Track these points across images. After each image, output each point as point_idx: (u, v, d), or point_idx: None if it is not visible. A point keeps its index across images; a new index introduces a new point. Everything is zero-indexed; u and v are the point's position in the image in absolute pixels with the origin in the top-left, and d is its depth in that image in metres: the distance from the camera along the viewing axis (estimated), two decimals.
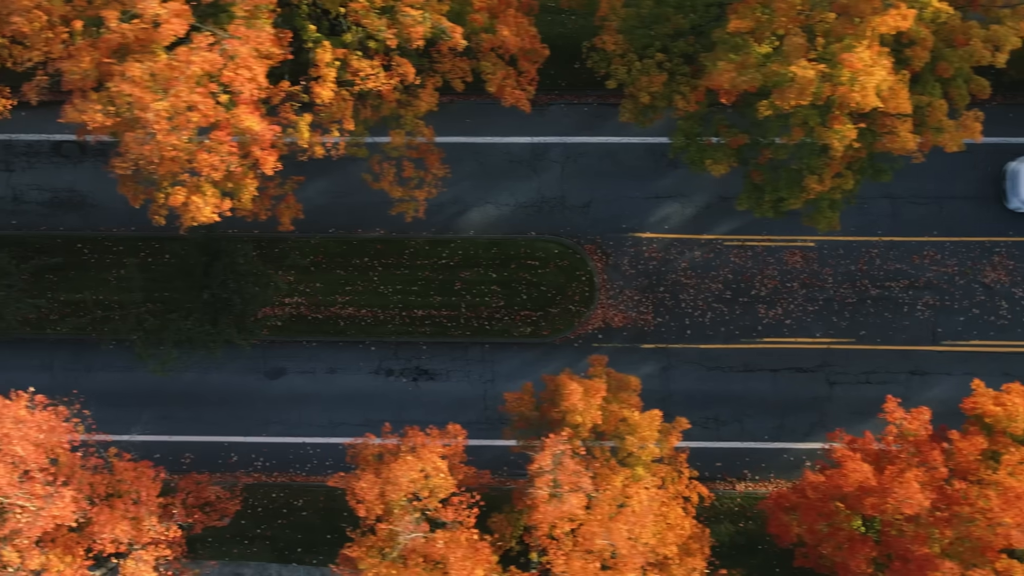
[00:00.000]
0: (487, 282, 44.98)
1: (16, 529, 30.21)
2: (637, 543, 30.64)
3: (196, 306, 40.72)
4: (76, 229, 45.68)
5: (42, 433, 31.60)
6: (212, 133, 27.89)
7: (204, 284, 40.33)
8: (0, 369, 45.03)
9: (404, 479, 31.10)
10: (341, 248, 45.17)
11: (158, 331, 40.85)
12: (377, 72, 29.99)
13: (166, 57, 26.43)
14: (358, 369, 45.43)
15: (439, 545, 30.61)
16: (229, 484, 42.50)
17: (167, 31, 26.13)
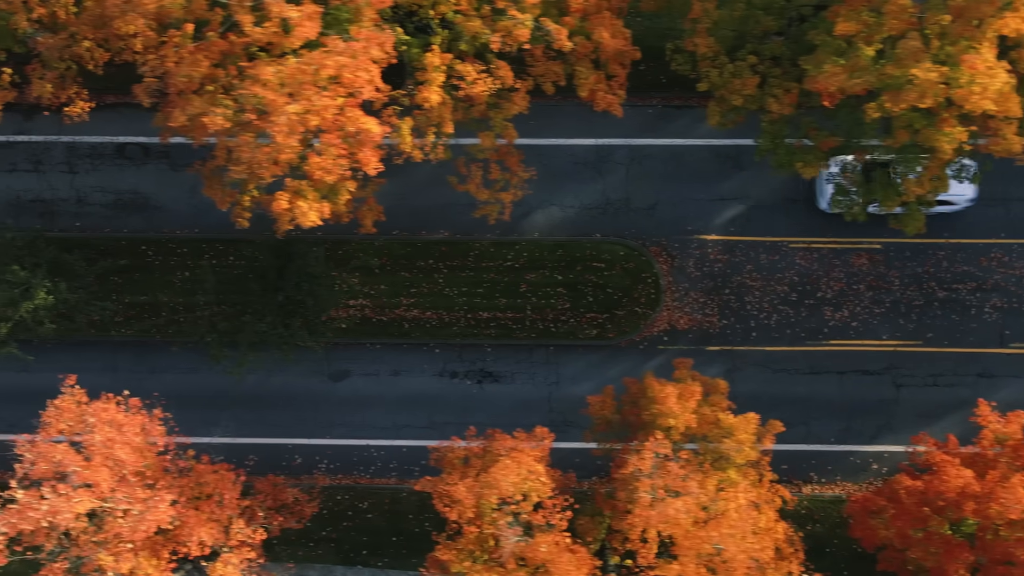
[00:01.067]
0: (553, 284, 44.94)
1: (118, 533, 30.17)
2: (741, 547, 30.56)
3: (270, 308, 40.66)
4: (140, 231, 45.67)
5: (138, 436, 31.54)
6: (323, 136, 27.86)
7: (278, 286, 40.29)
8: (65, 370, 44.91)
9: (505, 483, 31.05)
10: (405, 250, 45.15)
11: (232, 333, 40.80)
12: (484, 77, 29.94)
13: (295, 60, 26.39)
14: (422, 371, 45.39)
15: (542, 550, 30.53)
16: (306, 486, 42.46)
17: (301, 34, 26.09)
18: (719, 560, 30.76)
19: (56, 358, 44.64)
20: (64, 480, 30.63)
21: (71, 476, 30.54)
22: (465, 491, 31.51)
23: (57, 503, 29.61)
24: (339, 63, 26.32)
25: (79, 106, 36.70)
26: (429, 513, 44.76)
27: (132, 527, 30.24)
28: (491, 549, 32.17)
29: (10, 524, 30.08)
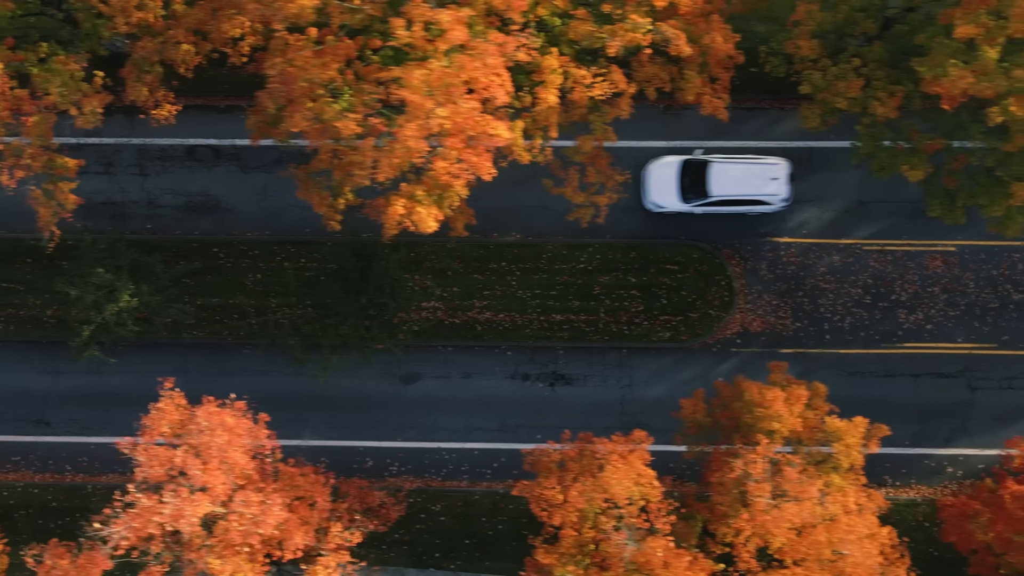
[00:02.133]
0: (626, 286, 44.89)
1: (228, 537, 30.10)
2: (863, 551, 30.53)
3: (352, 311, 40.60)
4: (210, 233, 45.63)
5: (247, 439, 31.51)
6: (446, 140, 27.81)
7: (360, 289, 40.23)
8: (136, 373, 45.02)
9: (619, 487, 31.00)
10: (478, 252, 45.09)
11: (315, 336, 40.75)
12: (600, 80, 29.87)
13: (440, 64, 26.31)
14: (493, 374, 45.34)
15: (659, 554, 30.46)
16: (393, 489, 42.42)
17: (451, 39, 26.00)
18: (842, 566, 30.69)
19: (127, 360, 44.64)
20: (177, 484, 30.56)
21: (189, 479, 30.46)
22: (577, 495, 31.44)
23: (182, 506, 29.56)
24: (479, 67, 26.20)
25: (166, 109, 36.65)
26: (502, 516, 44.86)
27: (246, 531, 30.18)
28: (592, 553, 32.13)
29: (132, 528, 30.06)
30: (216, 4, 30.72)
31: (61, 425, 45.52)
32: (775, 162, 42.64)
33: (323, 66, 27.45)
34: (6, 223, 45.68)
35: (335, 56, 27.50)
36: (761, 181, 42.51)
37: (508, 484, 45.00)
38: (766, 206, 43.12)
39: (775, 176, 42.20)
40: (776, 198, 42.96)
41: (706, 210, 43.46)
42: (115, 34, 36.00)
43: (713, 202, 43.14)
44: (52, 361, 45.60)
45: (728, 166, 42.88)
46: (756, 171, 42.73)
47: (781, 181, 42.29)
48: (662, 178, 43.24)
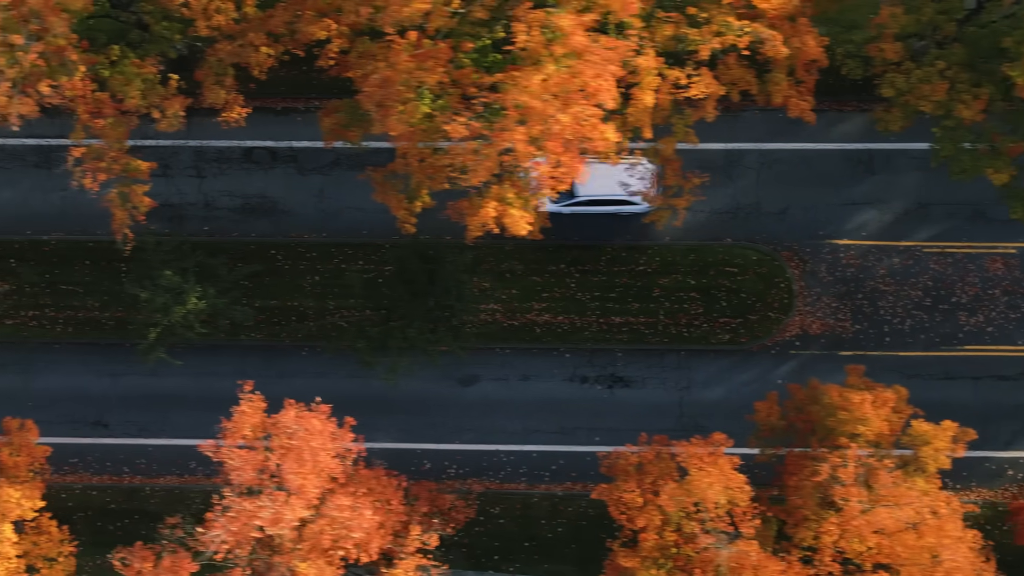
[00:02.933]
0: (685, 289, 44.84)
1: (318, 541, 30.05)
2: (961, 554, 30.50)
3: (418, 313, 40.57)
4: (267, 235, 45.62)
5: (334, 443, 31.48)
6: (548, 144, 27.75)
7: (427, 291, 40.19)
8: (193, 375, 45.03)
9: (711, 491, 30.96)
10: (537, 255, 45.05)
11: (381, 339, 40.73)
12: (697, 81, 29.83)
13: (556, 69, 26.25)
14: (552, 376, 45.30)
15: (752, 556, 30.39)
16: (462, 492, 42.39)
17: (571, 44, 25.93)
18: (940, 570, 30.63)
19: (185, 362, 44.59)
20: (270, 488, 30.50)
21: (283, 483, 30.40)
22: (667, 499, 31.41)
23: (281, 510, 29.49)
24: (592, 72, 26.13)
25: (236, 111, 36.64)
26: (561, 519, 44.83)
27: (337, 535, 30.13)
28: (675, 556, 32.08)
29: (231, 532, 30.00)
30: (300, 7, 30.68)
31: (119, 427, 45.55)
32: (641, 164, 42.09)
33: (428, 70, 27.39)
34: (64, 226, 45.73)
35: (437, 60, 27.46)
36: (628, 182, 42.59)
37: (566, 487, 45.07)
38: (634, 207, 43.26)
39: (641, 177, 42.03)
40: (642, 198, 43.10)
41: (574, 210, 43.63)
42: (186, 37, 35.98)
43: (581, 202, 43.32)
44: (110, 363, 45.65)
45: (596, 167, 42.84)
46: (623, 173, 42.51)
47: (645, 183, 42.08)
48: None
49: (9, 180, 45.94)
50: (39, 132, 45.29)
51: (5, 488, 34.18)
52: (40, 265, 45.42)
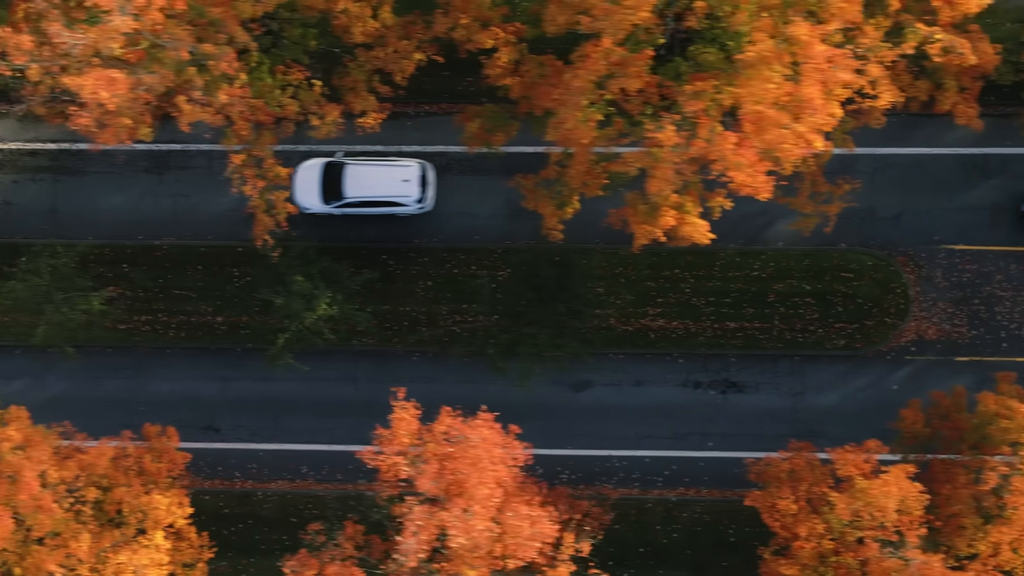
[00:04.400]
0: (800, 294, 44.74)
1: (494, 550, 30.01)
2: None
3: (548, 319, 40.53)
4: (379, 240, 45.60)
5: (505, 451, 31.44)
6: (743, 153, 27.67)
7: (558, 297, 40.16)
8: (304, 380, 45.05)
9: (888, 500, 30.84)
10: (650, 260, 44.95)
11: (511, 345, 40.69)
12: (883, 90, 29.68)
13: (783, 78, 26.18)
14: (665, 381, 45.23)
15: (935, 568, 30.22)
16: (599, 498, 42.36)
17: (808, 53, 25.83)
18: None
19: (296, 367, 44.57)
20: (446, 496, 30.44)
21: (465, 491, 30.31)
22: (843, 507, 31.31)
23: (473, 521, 29.44)
24: (817, 81, 26.10)
25: (372, 117, 36.65)
26: (676, 524, 44.77)
27: (517, 544, 30.07)
28: (835, 564, 31.99)
29: (421, 541, 29.91)
30: (462, 14, 30.62)
31: (230, 431, 45.58)
32: (407, 164, 43.23)
33: (628, 77, 27.31)
34: (175, 231, 45.79)
35: (637, 67, 27.39)
36: (393, 183, 42.98)
37: (679, 492, 45.00)
38: (403, 207, 43.49)
39: (407, 178, 42.79)
40: (409, 199, 43.33)
41: (345, 211, 43.82)
42: (321, 44, 35.99)
43: (351, 203, 43.54)
44: (221, 367, 45.71)
45: (362, 168, 43.31)
46: (388, 173, 43.17)
47: (413, 183, 42.83)
48: (307, 179, 43.57)
49: (121, 185, 46.00)
50: None
51: (154, 495, 34.18)
52: (153, 270, 45.47)
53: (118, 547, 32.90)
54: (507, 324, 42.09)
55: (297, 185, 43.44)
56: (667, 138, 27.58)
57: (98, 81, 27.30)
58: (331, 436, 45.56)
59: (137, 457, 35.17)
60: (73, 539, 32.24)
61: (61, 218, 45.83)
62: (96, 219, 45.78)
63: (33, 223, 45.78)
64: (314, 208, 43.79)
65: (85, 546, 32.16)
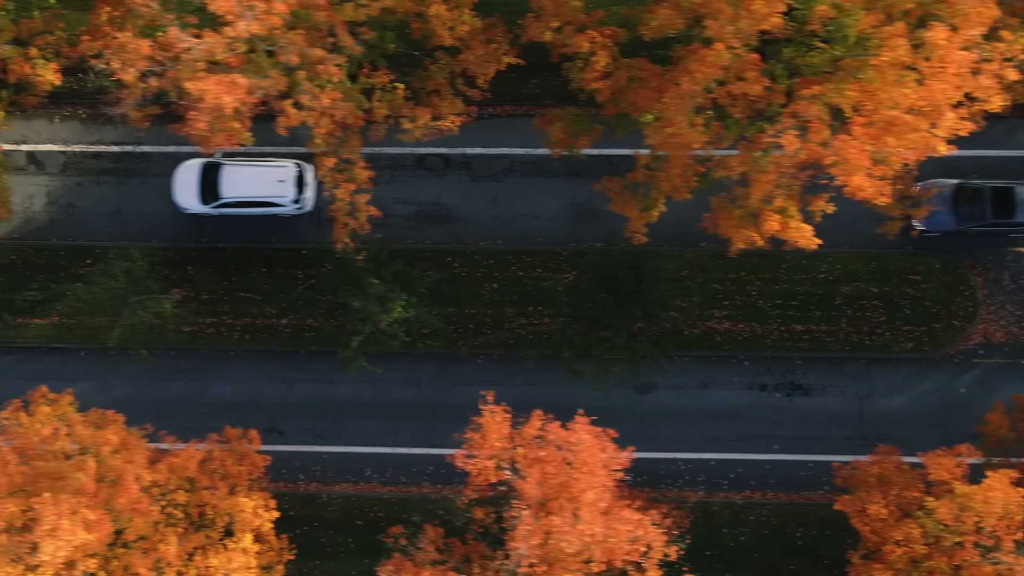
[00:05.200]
0: (868, 296, 44.64)
1: (599, 555, 29.95)
2: None
3: (625, 321, 40.46)
4: (442, 242, 45.54)
5: (609, 456, 31.38)
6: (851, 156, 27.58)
7: (636, 300, 40.09)
8: (368, 383, 44.98)
9: (991, 506, 30.73)
10: (716, 262, 44.87)
11: (587, 348, 40.61)
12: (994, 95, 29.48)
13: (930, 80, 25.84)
14: (730, 384, 45.13)
15: None
16: (679, 501, 42.28)
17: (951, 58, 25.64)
18: None
19: (359, 370, 44.50)
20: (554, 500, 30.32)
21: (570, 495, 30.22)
22: (946, 512, 31.23)
23: (582, 525, 29.35)
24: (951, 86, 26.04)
25: (450, 119, 36.58)
26: (743, 527, 44.66)
27: (619, 548, 29.98)
28: (929, 570, 31.89)
29: (532, 547, 29.78)
30: (557, 18, 30.53)
31: (294, 434, 45.51)
32: (283, 165, 43.31)
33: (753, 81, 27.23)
34: (239, 232, 45.73)
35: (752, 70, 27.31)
36: (269, 184, 43.09)
37: (745, 495, 44.89)
38: (281, 208, 43.54)
39: (282, 179, 42.90)
40: (286, 199, 43.37)
41: (223, 211, 43.83)
42: (399, 47, 35.93)
43: (229, 203, 43.56)
44: (284, 370, 45.66)
45: (238, 169, 43.48)
46: (264, 174, 43.28)
47: (288, 184, 42.96)
48: (186, 180, 43.76)
49: None
50: None
51: (240, 498, 34.11)
52: (217, 272, 45.43)
53: (205, 550, 32.83)
54: (581, 327, 41.93)
55: (176, 186, 43.56)
56: (789, 143, 27.47)
57: (220, 85, 27.26)
58: (395, 439, 45.49)
59: (221, 460, 35.08)
60: (161, 542, 32.18)
61: (125, 220, 45.82)
62: (159, 221, 45.77)
63: (97, 225, 45.76)
64: (193, 208, 43.92)
65: (173, 549, 32.10)
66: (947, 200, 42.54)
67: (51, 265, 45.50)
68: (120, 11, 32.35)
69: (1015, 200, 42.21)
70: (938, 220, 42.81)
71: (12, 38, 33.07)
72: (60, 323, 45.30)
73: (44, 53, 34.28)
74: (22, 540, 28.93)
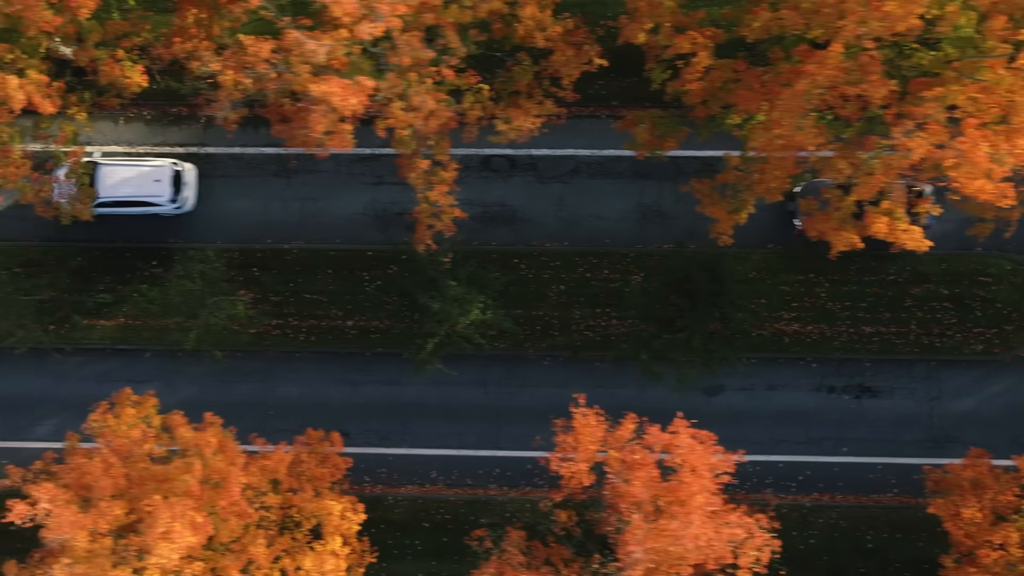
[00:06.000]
0: (938, 299, 44.43)
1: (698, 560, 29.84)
2: None
3: (701, 323, 40.28)
4: (508, 244, 45.38)
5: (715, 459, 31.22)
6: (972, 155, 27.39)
7: (711, 301, 39.93)
8: (434, 385, 44.85)
9: None
10: (783, 264, 44.69)
11: (664, 351, 40.45)
12: None
13: None
14: (798, 386, 44.94)
15: None
16: (761, 503, 42.06)
17: None
18: None
19: (444, 372, 44.26)
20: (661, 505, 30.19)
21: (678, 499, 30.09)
22: None
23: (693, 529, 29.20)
24: None
25: (531, 121, 36.39)
26: (811, 529, 44.45)
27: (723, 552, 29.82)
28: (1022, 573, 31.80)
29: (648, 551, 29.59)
30: (658, 19, 30.36)
31: (359, 436, 45.37)
32: (159, 164, 43.33)
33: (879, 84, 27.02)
34: (303, 234, 45.64)
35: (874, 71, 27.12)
36: (145, 183, 42.98)
37: (814, 497, 44.69)
38: (159, 207, 43.48)
39: (158, 178, 42.89)
40: (162, 199, 43.29)
41: (103, 211, 43.53)
42: (479, 48, 35.77)
43: (106, 203, 43.34)
44: (349, 372, 45.53)
45: (115, 168, 43.35)
46: (140, 173, 43.13)
47: (164, 183, 42.92)
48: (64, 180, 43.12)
49: (248, 189, 45.87)
50: (278, 141, 45.17)
51: (326, 500, 33.98)
52: (282, 274, 45.32)
53: (293, 552, 32.69)
54: (654, 329, 41.73)
55: (55, 187, 43.09)
56: (918, 145, 27.28)
57: (344, 88, 27.09)
58: (460, 441, 45.35)
59: (309, 462, 34.95)
60: (252, 544, 32.03)
61: (190, 222, 45.69)
62: (224, 223, 45.67)
63: (162, 227, 45.66)
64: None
65: (263, 551, 31.95)
66: None
67: (116, 267, 45.41)
68: (207, 13, 32.21)
69: None
70: None
71: (99, 40, 32.91)
72: (126, 324, 45.23)
73: (130, 55, 34.14)
74: (128, 543, 28.79)
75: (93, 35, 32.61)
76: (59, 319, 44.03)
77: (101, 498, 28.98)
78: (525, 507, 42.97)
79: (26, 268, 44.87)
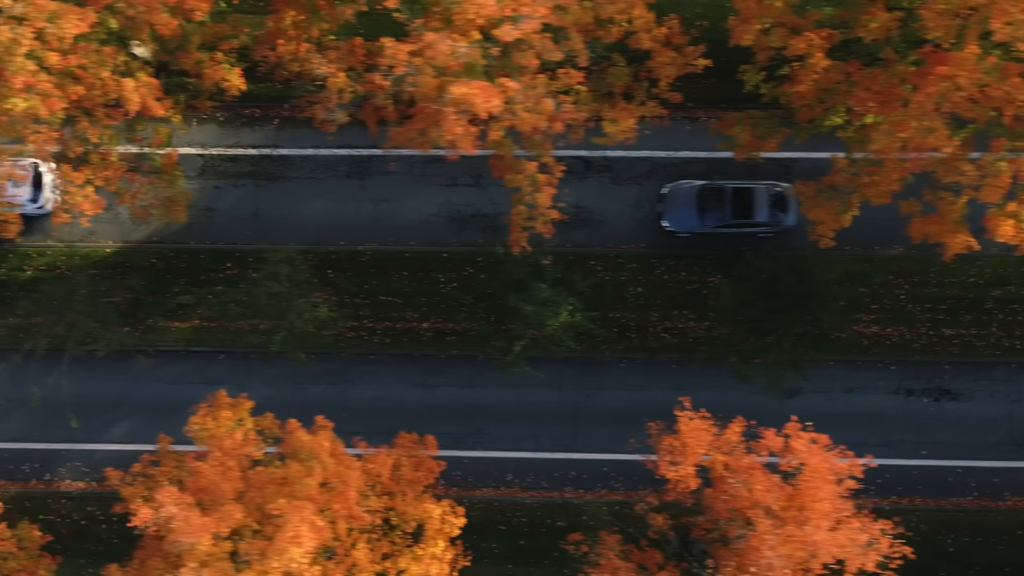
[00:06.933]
0: (1019, 301, 44.18)
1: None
2: None
3: (791, 326, 40.09)
4: (584, 245, 45.16)
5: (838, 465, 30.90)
6: None
7: (807, 305, 39.73)
8: (511, 387, 44.67)
9: None
10: (862, 266, 44.45)
11: (756, 353, 40.25)
12: None
13: None
14: (876, 389, 44.70)
15: None
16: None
17: None
18: None
19: (496, 375, 44.12)
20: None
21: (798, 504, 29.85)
22: None
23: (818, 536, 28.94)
24: None
25: (626, 124, 36.10)
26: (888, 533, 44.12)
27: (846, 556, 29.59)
28: None
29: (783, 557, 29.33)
30: (770, 18, 30.11)
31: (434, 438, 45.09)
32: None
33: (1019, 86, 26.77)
34: (377, 236, 45.46)
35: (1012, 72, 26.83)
36: None
37: (892, 501, 44.44)
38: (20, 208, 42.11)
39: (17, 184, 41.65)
40: (23, 199, 42.39)
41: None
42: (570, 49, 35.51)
43: None
44: (423, 374, 45.35)
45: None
46: None
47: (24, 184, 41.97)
48: None
49: (321, 190, 45.69)
50: (351, 142, 45.04)
51: (427, 504, 33.79)
52: (357, 276, 45.14)
53: (394, 556, 32.51)
54: (738, 331, 41.51)
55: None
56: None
57: (485, 90, 26.91)
58: (536, 443, 45.15)
59: (409, 466, 34.79)
60: (354, 547, 31.85)
61: (263, 224, 45.54)
62: (298, 225, 45.49)
63: (236, 229, 45.51)
64: None
65: (365, 555, 31.77)
66: (691, 201, 42.84)
67: (191, 268, 45.25)
68: (304, 15, 32.02)
69: (753, 201, 42.23)
70: (684, 221, 43.12)
71: (200, 43, 32.75)
72: (200, 326, 45.06)
73: (229, 58, 33.98)
74: (250, 547, 28.63)
75: (195, 38, 32.46)
76: (138, 321, 43.89)
77: (222, 501, 28.82)
78: (601, 510, 42.72)
79: (101, 270, 44.74)
